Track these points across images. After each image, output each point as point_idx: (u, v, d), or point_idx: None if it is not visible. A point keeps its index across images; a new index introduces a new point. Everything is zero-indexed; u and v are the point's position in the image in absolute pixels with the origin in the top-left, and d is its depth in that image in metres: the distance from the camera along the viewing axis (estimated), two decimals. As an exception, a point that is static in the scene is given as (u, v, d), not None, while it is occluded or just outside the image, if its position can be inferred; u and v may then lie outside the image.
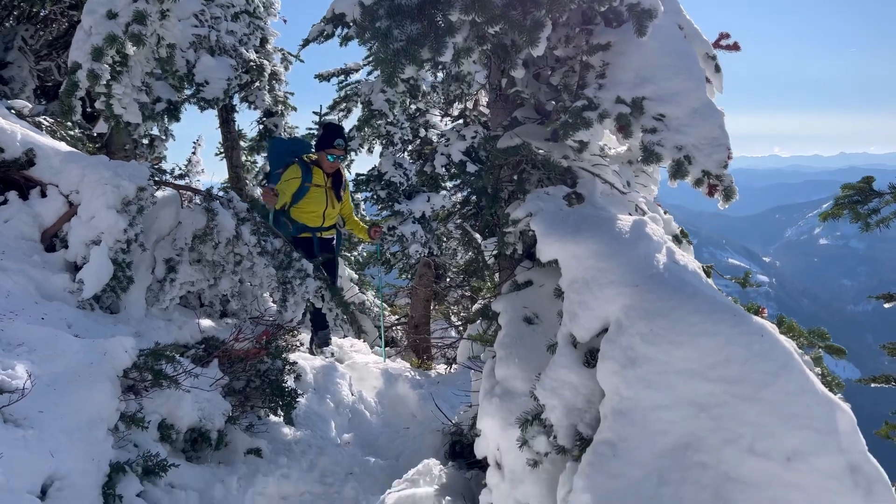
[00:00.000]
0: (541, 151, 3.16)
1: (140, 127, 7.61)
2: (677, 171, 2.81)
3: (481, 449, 2.94)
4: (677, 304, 2.14)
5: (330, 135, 6.13)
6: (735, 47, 3.50)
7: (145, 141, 10.46)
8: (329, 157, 6.09)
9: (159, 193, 4.75)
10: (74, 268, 4.19)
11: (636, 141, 2.98)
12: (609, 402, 2.13)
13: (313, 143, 6.59)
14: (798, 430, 1.91)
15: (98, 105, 4.20)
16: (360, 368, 6.73)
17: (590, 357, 2.37)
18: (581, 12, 3.14)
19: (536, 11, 2.66)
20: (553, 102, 3.54)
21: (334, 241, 6.66)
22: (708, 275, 2.87)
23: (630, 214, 2.90)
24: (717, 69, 3.29)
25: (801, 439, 1.91)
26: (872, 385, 7.37)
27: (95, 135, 6.53)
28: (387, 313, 12.19)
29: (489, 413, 2.79)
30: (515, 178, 3.16)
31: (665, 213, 3.94)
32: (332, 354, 6.77)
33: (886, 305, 7.85)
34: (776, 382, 1.96)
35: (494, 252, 4.00)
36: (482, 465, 3.96)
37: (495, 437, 2.77)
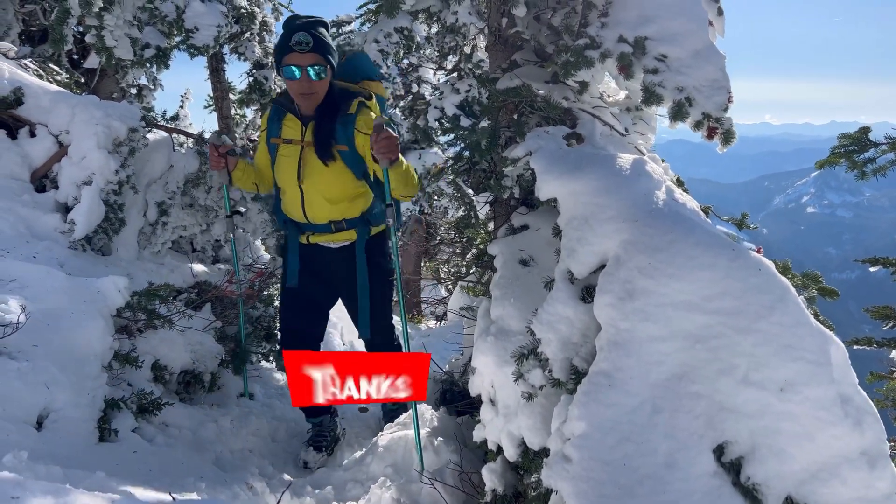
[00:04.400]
0: (541, 92, 3.13)
1: (128, 74, 7.46)
2: (678, 113, 2.80)
3: (475, 387, 2.97)
4: (676, 237, 2.14)
5: (285, 36, 3.22)
6: (738, -8, 3.45)
7: (133, 90, 10.27)
8: (289, 72, 3.19)
9: (151, 136, 4.67)
10: (65, 209, 4.14)
11: (636, 83, 2.95)
12: (605, 335, 2.15)
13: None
14: (792, 362, 1.94)
15: (89, 38, 4.09)
16: (349, 319, 6.75)
17: (586, 293, 2.39)
18: (585, -51, 3.07)
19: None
20: (553, 45, 3.50)
21: (360, 257, 3.63)
22: (706, 214, 2.87)
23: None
24: (720, 12, 3.25)
25: (794, 370, 1.94)
26: (854, 347, 7.49)
27: (83, 80, 6.40)
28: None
29: (483, 351, 2.81)
30: (515, 119, 3.13)
31: (662, 161, 3.93)
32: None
33: (872, 269, 7.94)
34: (772, 315, 1.98)
35: (490, 199, 3.99)
36: (471, 411, 4.01)
37: (490, 374, 2.80)
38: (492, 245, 3.31)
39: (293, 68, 3.17)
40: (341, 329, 6.18)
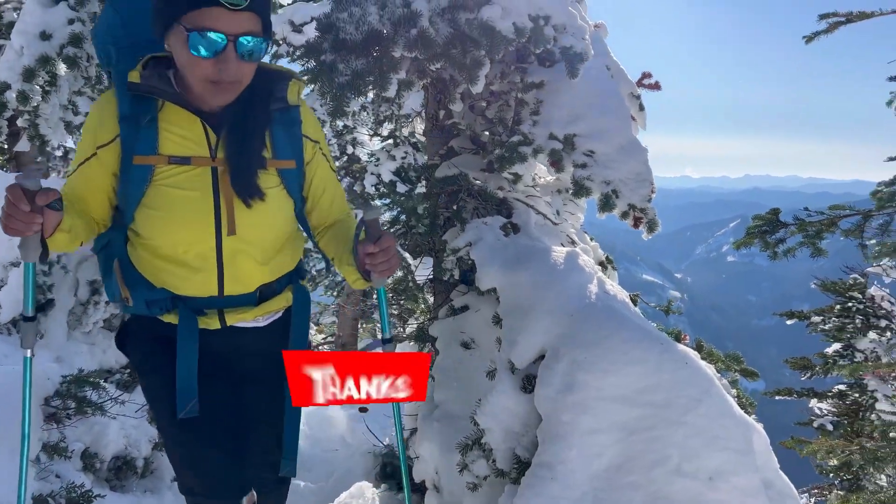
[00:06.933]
0: (477, 182, 3.28)
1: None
2: (605, 205, 2.99)
3: (419, 472, 3.00)
4: (609, 332, 2.28)
5: None
6: (656, 86, 3.74)
7: (59, 153, 10.03)
8: (201, 42, 1.69)
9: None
10: (-9, 291, 3.99)
11: (567, 175, 3.14)
12: (546, 426, 2.25)
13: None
14: (719, 452, 2.08)
15: (21, 123, 4.04)
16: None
17: (527, 382, 2.49)
18: (516, 50, 3.29)
19: (476, 51, 2.78)
20: (488, 133, 3.68)
21: (301, 329, 2.22)
22: (634, 303, 3.05)
23: (563, 245, 3.05)
24: (641, 108, 3.51)
25: (722, 460, 2.07)
26: (777, 398, 7.86)
27: (5, 147, 6.25)
28: (312, 332, 12.07)
29: (428, 437, 2.86)
30: (454, 208, 3.26)
31: (591, 239, 4.13)
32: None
33: (788, 322, 8.38)
34: (699, 407, 2.12)
35: (429, 276, 4.09)
36: (415, 487, 4.02)
37: (434, 461, 2.84)
38: (433, 326, 3.39)
39: (212, 36, 1.68)
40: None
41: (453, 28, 2.79)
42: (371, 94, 2.93)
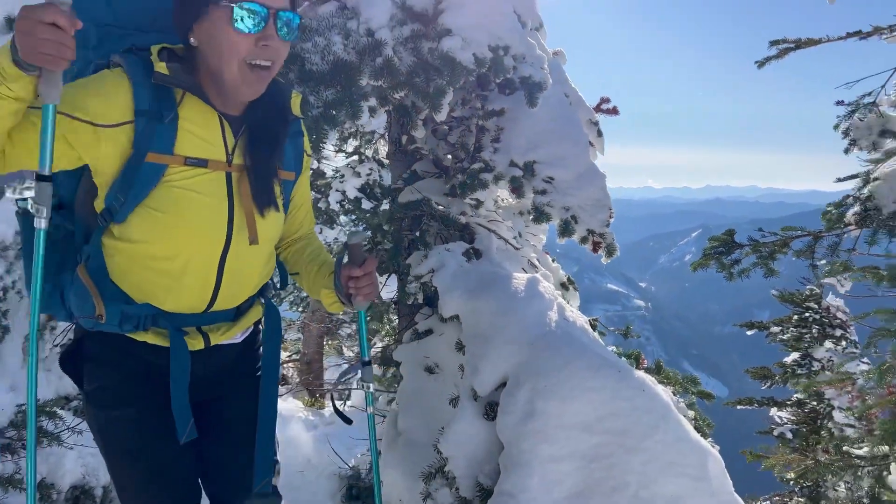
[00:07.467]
0: (440, 207, 3.32)
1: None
2: (565, 230, 3.05)
3: (384, 500, 3.00)
4: (568, 360, 2.32)
5: None
6: (614, 111, 3.83)
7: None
8: (246, 15, 1.60)
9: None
10: (-58, 319, 3.88)
11: (528, 200, 3.20)
12: (508, 454, 2.27)
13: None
14: (676, 478, 2.12)
15: None
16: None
17: (489, 410, 2.51)
18: (477, 77, 3.34)
19: (439, 79, 2.82)
20: (451, 157, 3.72)
21: (274, 345, 2.08)
22: (594, 328, 3.10)
23: (524, 270, 3.10)
24: (599, 133, 3.59)
25: (679, 486, 2.12)
26: (738, 407, 8.03)
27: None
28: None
29: (392, 465, 2.87)
30: (418, 233, 3.29)
31: (553, 260, 4.19)
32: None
33: (749, 333, 8.57)
34: (656, 434, 2.17)
35: (394, 298, 4.10)
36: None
37: (398, 489, 2.85)
38: (397, 351, 3.40)
39: (255, 7, 1.61)
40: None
41: (416, 57, 2.83)
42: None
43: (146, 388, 1.81)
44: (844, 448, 4.36)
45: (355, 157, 9.53)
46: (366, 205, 8.54)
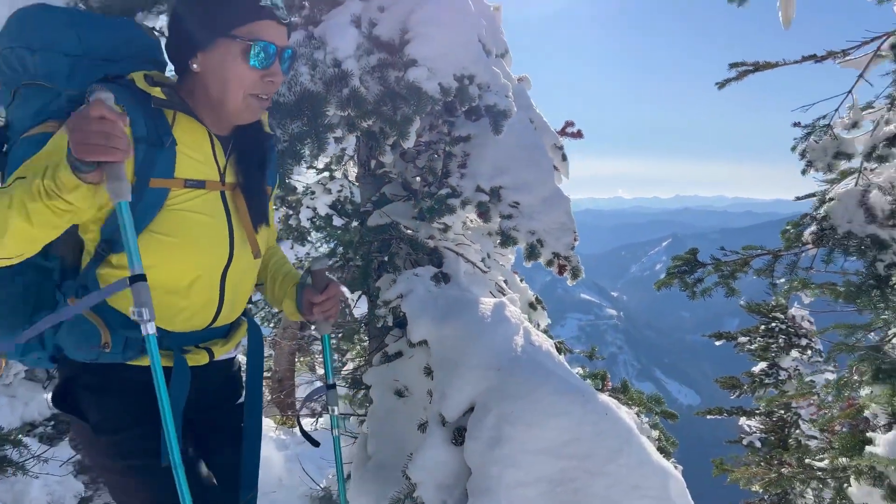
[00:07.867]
0: (409, 231, 3.36)
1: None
2: (531, 254, 3.11)
3: (355, 524, 3.01)
4: (534, 386, 2.36)
5: None
6: (578, 135, 3.91)
7: None
8: (260, 53, 1.72)
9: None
10: None
11: (495, 224, 3.26)
12: (476, 480, 2.31)
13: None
14: (639, 500, 2.17)
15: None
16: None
17: (457, 435, 2.55)
18: (444, 103, 3.39)
19: (406, 108, 2.86)
20: (419, 180, 3.77)
21: (257, 361, 2.17)
22: (560, 350, 3.16)
23: (492, 293, 3.15)
24: (564, 158, 3.66)
25: (641, 508, 2.17)
26: (708, 417, 8.17)
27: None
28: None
29: (363, 490, 2.89)
30: (386, 257, 3.32)
31: (521, 280, 4.25)
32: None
33: (717, 343, 8.72)
34: (619, 457, 2.22)
35: (364, 320, 4.12)
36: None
37: (369, 514, 2.86)
38: (367, 374, 3.43)
39: (269, 47, 1.72)
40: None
41: (383, 86, 2.87)
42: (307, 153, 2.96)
43: (154, 406, 1.71)
44: (807, 460, 4.47)
45: (326, 174, 9.54)
46: (337, 221, 8.56)
